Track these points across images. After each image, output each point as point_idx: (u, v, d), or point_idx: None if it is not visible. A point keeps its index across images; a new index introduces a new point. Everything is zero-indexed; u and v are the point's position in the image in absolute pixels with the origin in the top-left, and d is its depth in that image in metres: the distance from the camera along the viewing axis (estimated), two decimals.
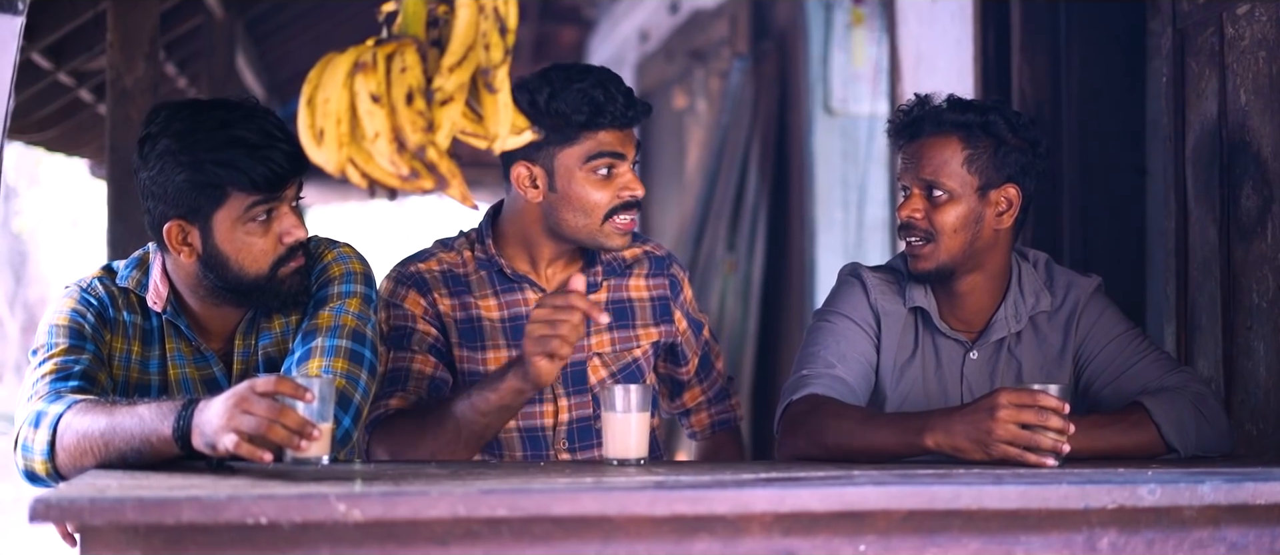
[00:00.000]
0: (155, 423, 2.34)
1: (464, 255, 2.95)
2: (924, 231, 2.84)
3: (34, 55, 5.81)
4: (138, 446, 2.35)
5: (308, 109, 2.09)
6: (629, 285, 3.00)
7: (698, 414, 3.15)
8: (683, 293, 3.08)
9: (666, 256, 3.09)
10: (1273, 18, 3.10)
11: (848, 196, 6.54)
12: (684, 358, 3.08)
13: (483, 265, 2.93)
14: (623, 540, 2.12)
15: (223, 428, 2.24)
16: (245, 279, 2.61)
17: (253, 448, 2.23)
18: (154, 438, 2.33)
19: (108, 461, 2.38)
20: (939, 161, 2.82)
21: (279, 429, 2.24)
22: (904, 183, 2.88)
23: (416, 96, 2.06)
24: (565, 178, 2.81)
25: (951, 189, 2.81)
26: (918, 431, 2.55)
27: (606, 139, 2.80)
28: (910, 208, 2.84)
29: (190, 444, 2.31)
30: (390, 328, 2.89)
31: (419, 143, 2.06)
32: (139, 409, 2.37)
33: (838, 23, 6.63)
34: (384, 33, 2.13)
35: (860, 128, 6.57)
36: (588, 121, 2.77)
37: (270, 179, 2.55)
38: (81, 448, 2.39)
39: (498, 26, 2.11)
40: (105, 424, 2.38)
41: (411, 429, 2.76)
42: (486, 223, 2.97)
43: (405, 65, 2.07)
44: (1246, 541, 2.26)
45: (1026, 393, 2.49)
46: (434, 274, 2.92)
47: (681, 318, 3.06)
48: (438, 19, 2.12)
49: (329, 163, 2.09)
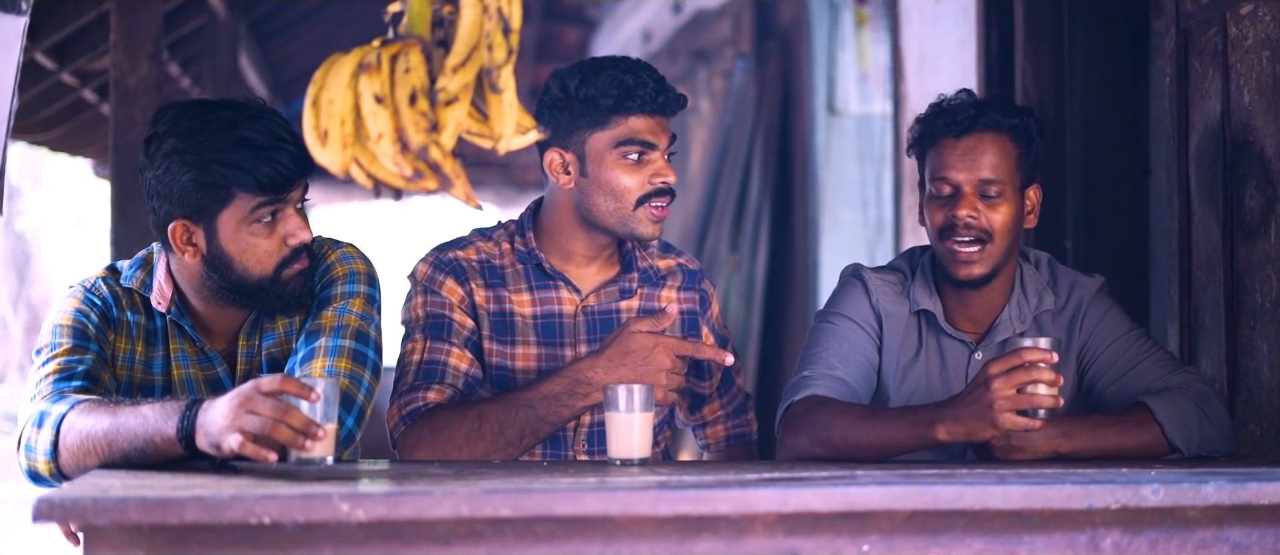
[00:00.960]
0: (159, 423, 2.34)
1: (502, 247, 2.94)
2: (981, 231, 2.78)
3: (37, 55, 5.82)
4: (141, 446, 2.35)
5: (312, 109, 2.09)
6: (661, 296, 3.00)
7: (714, 427, 3.15)
8: (711, 308, 3.09)
9: (699, 271, 3.09)
10: (1276, 18, 3.10)
11: (851, 197, 6.54)
12: (708, 372, 3.08)
13: (522, 258, 2.92)
14: (626, 540, 2.12)
15: (227, 427, 2.25)
16: (249, 280, 2.61)
17: (257, 448, 2.23)
18: (158, 438, 2.34)
19: (111, 461, 2.38)
20: (996, 159, 2.78)
21: (284, 429, 2.24)
22: (953, 180, 2.79)
23: (420, 97, 2.06)
24: (596, 162, 2.82)
25: (1004, 188, 2.78)
26: (929, 424, 2.55)
27: (637, 125, 2.82)
28: (967, 209, 2.77)
29: (194, 444, 2.31)
30: (427, 315, 2.86)
31: (423, 143, 2.06)
32: (142, 409, 2.37)
33: (841, 22, 6.63)
34: (389, 33, 2.13)
35: (864, 127, 6.57)
36: (616, 105, 2.79)
37: (276, 180, 2.55)
38: (84, 448, 2.39)
39: (502, 27, 2.11)
40: (109, 424, 2.38)
41: (454, 423, 2.73)
42: (528, 216, 2.97)
43: (409, 66, 2.07)
44: (1250, 542, 2.25)
45: (1010, 356, 2.49)
46: (471, 263, 2.91)
47: (708, 334, 3.06)
48: (442, 19, 2.12)
49: (333, 163, 2.09)
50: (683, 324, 3.02)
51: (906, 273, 2.95)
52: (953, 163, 2.79)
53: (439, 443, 2.72)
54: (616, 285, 2.94)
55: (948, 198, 2.80)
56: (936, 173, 2.82)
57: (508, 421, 2.71)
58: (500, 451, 2.72)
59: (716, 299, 3.13)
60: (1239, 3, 3.22)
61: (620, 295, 2.94)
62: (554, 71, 2.86)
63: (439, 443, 2.72)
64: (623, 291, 2.94)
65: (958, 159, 2.79)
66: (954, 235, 2.79)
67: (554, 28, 11.43)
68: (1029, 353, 2.49)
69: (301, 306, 2.69)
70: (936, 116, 2.84)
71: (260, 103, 2.62)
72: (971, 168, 2.78)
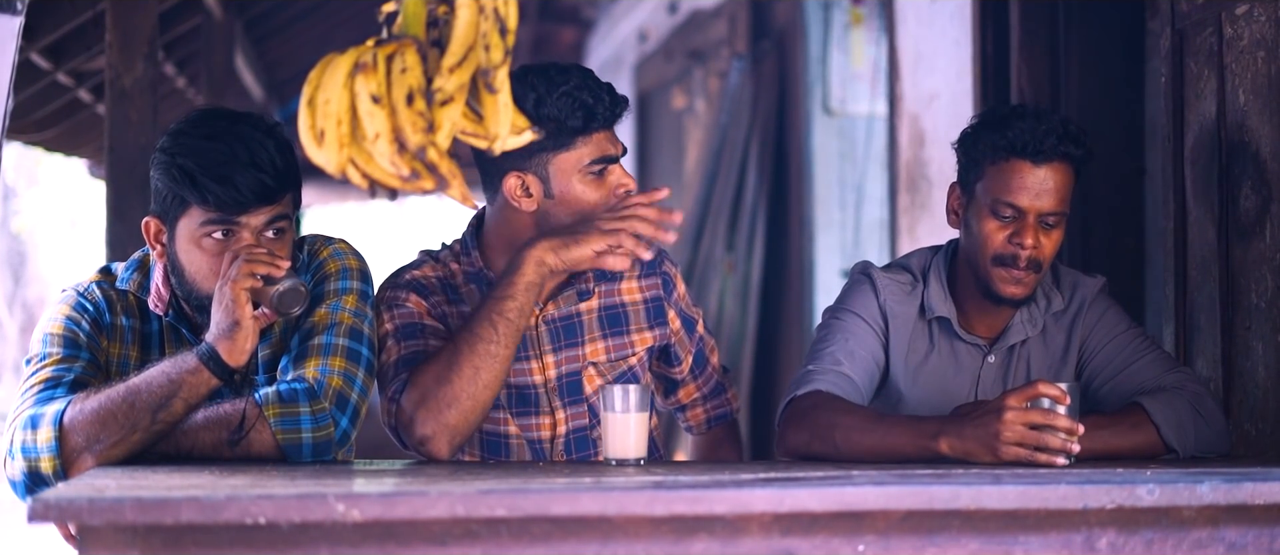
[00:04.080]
0: (177, 367, 2.46)
1: (450, 267, 2.90)
2: (1039, 261, 2.77)
3: (33, 55, 5.81)
4: (169, 392, 2.45)
5: (308, 110, 2.09)
6: (621, 289, 2.96)
7: (694, 409, 3.13)
8: (676, 289, 3.04)
9: (657, 256, 3.05)
10: (1271, 18, 3.10)
11: (846, 197, 6.54)
12: (677, 358, 3.06)
13: (471, 277, 2.88)
14: (621, 540, 2.12)
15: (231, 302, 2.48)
16: (195, 293, 2.60)
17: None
18: (186, 376, 2.46)
19: (134, 423, 2.43)
20: (1065, 191, 2.77)
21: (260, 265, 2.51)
22: (1020, 206, 2.75)
23: (417, 97, 2.06)
24: (562, 183, 2.77)
25: (1062, 218, 2.79)
26: (933, 436, 2.54)
27: (600, 141, 2.78)
28: (1032, 239, 2.75)
29: (222, 365, 2.46)
30: (398, 324, 2.78)
31: (419, 143, 2.06)
32: (149, 370, 2.47)
33: (836, 23, 6.63)
34: (384, 33, 2.13)
35: (859, 128, 6.57)
36: (583, 126, 2.75)
37: (225, 202, 2.53)
38: (101, 419, 2.44)
39: (498, 27, 2.11)
40: (123, 389, 2.45)
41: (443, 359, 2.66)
42: (471, 234, 2.92)
43: (405, 66, 2.07)
44: (1245, 541, 2.26)
45: (1029, 390, 2.49)
46: (430, 280, 2.87)
47: (675, 316, 3.03)
48: (438, 19, 2.13)
49: (329, 163, 2.09)
50: (647, 311, 2.98)
51: (916, 276, 2.94)
52: (1027, 187, 2.75)
53: (442, 387, 2.64)
54: (573, 288, 2.90)
55: (1009, 219, 2.78)
56: (1003, 193, 2.77)
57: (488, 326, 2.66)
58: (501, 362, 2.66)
59: (680, 279, 3.07)
60: (1234, 3, 3.22)
61: (579, 298, 2.91)
62: None
63: (442, 387, 2.64)
64: (580, 294, 2.91)
65: (1034, 185, 2.75)
66: (1010, 262, 2.78)
67: (550, 28, 11.42)
68: (1046, 389, 2.48)
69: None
70: (1016, 133, 2.76)
71: (266, 123, 2.60)
72: (1044, 197, 2.76)
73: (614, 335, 2.93)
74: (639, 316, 2.96)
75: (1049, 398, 2.48)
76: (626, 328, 2.95)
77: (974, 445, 2.50)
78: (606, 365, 2.92)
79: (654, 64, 9.41)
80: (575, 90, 2.74)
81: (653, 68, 9.42)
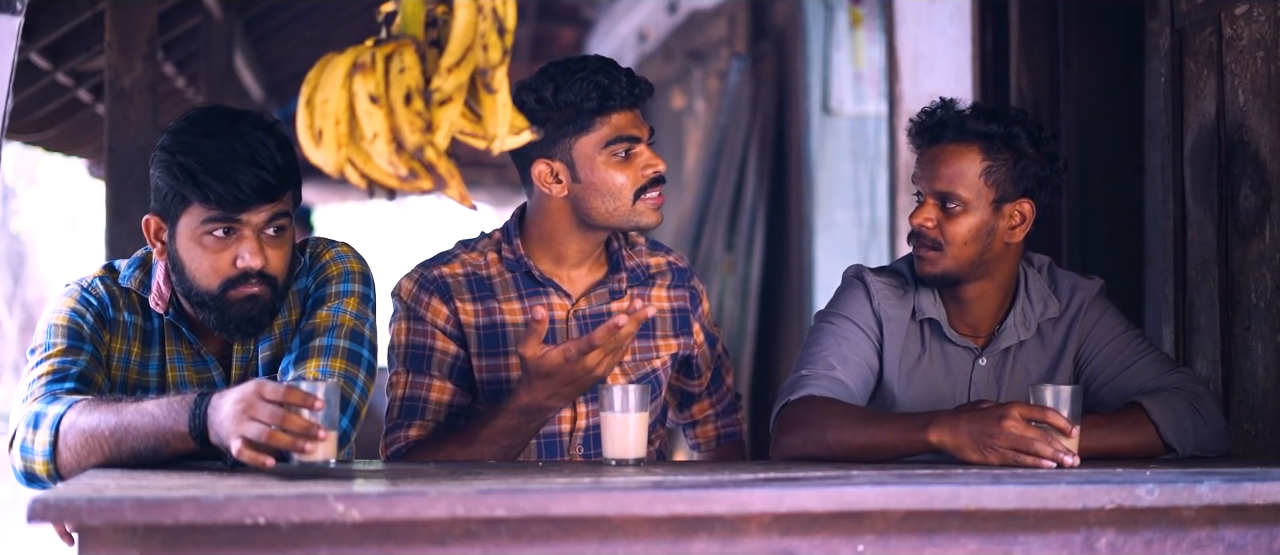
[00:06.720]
0: (169, 421, 2.35)
1: (488, 257, 2.93)
2: (932, 240, 2.82)
3: (32, 55, 5.81)
4: (153, 445, 2.36)
5: (306, 109, 2.09)
6: (651, 295, 3.00)
7: (704, 426, 3.16)
8: (701, 306, 3.09)
9: (688, 269, 3.09)
10: (1271, 18, 3.10)
11: (846, 197, 6.54)
12: (697, 371, 3.09)
13: (510, 266, 2.92)
14: (621, 540, 2.12)
15: (231, 433, 2.25)
16: (195, 291, 2.59)
17: (254, 453, 2.23)
18: (169, 436, 2.35)
19: (117, 459, 2.38)
20: (956, 171, 2.79)
21: (282, 435, 2.24)
22: (918, 188, 2.85)
23: (415, 97, 2.06)
24: (587, 166, 2.81)
25: (966, 200, 2.79)
26: (922, 427, 2.55)
27: (619, 122, 2.82)
28: (922, 216, 2.82)
29: (207, 440, 2.33)
30: (408, 344, 2.86)
31: (417, 143, 2.06)
32: (148, 406, 2.38)
33: (836, 23, 6.63)
34: (383, 33, 2.13)
35: (859, 128, 6.57)
36: (599, 106, 2.79)
37: (227, 199, 2.52)
38: (88, 446, 2.39)
39: (496, 27, 2.11)
40: (114, 422, 2.38)
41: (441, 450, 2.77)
42: (514, 224, 2.96)
43: (404, 66, 2.07)
44: (1245, 541, 2.26)
45: (1040, 410, 2.48)
46: (458, 278, 2.89)
47: (699, 331, 3.07)
48: (436, 19, 2.12)
49: (327, 163, 2.09)
50: (674, 321, 3.02)
51: (908, 277, 2.94)
52: (919, 171, 2.86)
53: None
54: (606, 287, 2.94)
55: (918, 204, 2.85)
56: (913, 179, 2.90)
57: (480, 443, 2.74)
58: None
59: (707, 297, 3.13)
60: (1234, 3, 3.22)
61: (610, 297, 2.94)
62: (520, 84, 2.81)
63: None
64: (613, 293, 2.94)
65: (922, 168, 2.85)
66: (916, 239, 2.85)
67: (549, 28, 11.41)
68: (1055, 419, 2.47)
69: (243, 333, 2.64)
70: (911, 124, 2.90)
71: (267, 121, 2.60)
72: (932, 178, 2.82)
73: (640, 338, 2.96)
74: (666, 324, 3.00)
75: (1056, 428, 2.47)
76: (653, 333, 2.98)
77: (965, 440, 2.50)
78: (630, 365, 2.95)
79: (653, 64, 9.41)
80: (591, 73, 2.79)
81: (652, 68, 9.42)
